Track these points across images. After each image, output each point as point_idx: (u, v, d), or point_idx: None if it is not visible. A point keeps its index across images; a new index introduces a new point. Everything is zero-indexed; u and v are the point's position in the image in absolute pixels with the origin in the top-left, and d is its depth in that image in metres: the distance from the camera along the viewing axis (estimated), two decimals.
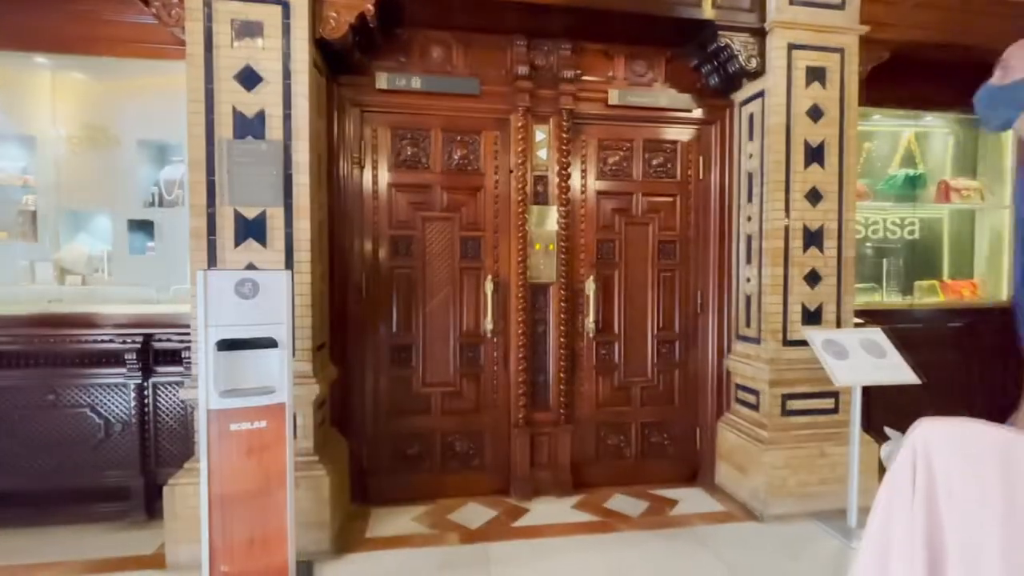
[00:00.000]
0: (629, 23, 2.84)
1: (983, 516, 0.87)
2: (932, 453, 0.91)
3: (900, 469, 0.97)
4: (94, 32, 2.69)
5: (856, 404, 2.51)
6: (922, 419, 0.94)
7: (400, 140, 2.91)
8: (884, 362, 2.54)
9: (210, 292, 1.95)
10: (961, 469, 0.90)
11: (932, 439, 0.91)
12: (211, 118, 2.33)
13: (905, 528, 0.93)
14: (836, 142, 2.85)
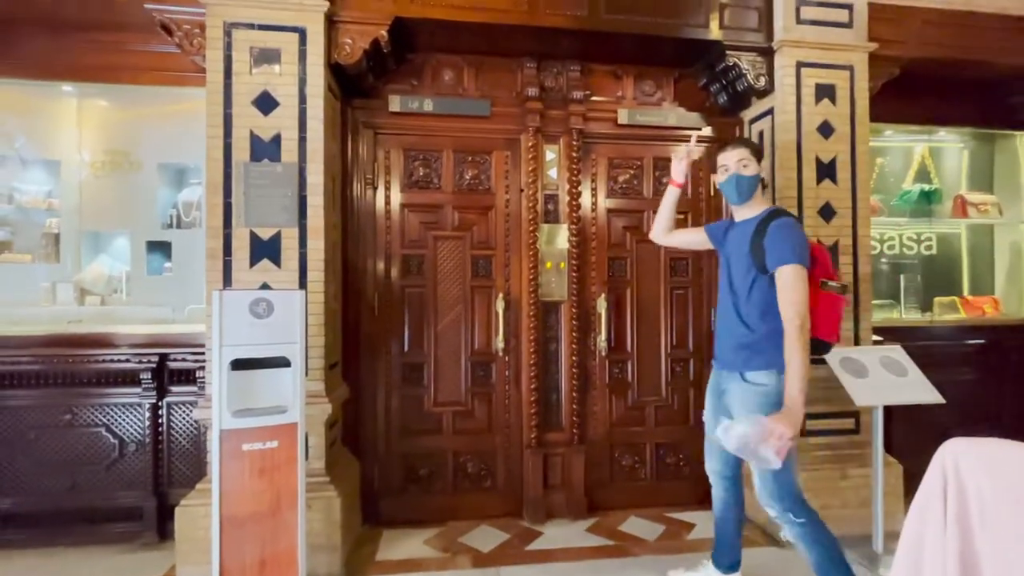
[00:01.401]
0: (637, 45, 2.88)
1: (1020, 541, 0.83)
2: (964, 476, 0.87)
3: (930, 492, 0.93)
4: (119, 61, 2.80)
5: (878, 425, 2.44)
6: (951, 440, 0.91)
7: (412, 161, 2.96)
8: (905, 381, 2.48)
9: (225, 312, 1.97)
10: (995, 492, 0.86)
11: (963, 461, 0.88)
12: (229, 142, 2.39)
13: (937, 554, 0.89)
14: (848, 158, 2.83)
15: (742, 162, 1.93)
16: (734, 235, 2.00)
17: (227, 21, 2.39)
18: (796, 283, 1.73)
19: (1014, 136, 3.65)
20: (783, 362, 1.74)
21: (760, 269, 1.83)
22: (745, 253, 1.88)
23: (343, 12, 2.52)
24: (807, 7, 2.81)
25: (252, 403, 2.03)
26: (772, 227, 1.81)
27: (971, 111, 3.51)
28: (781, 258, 1.76)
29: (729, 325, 1.95)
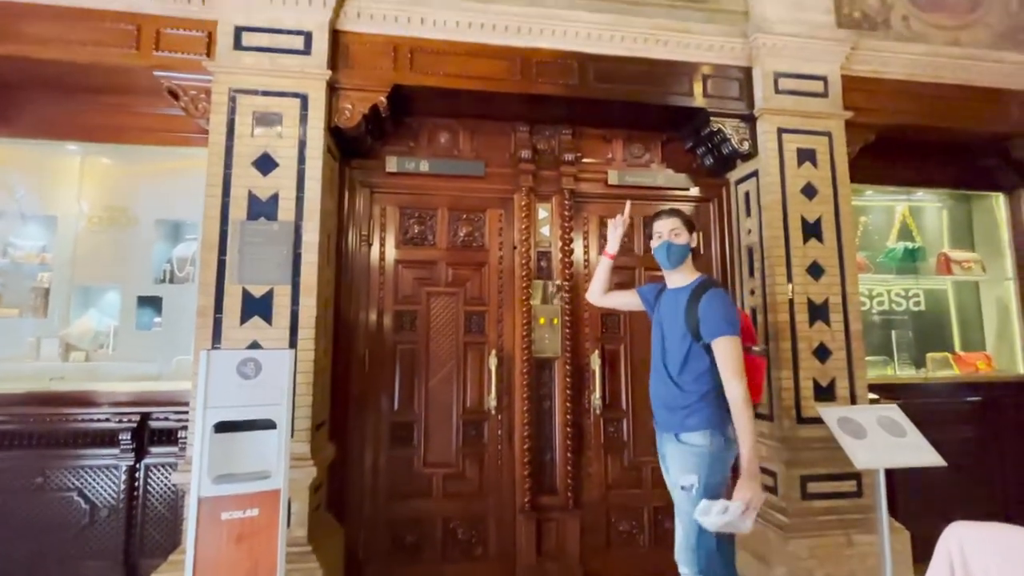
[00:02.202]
0: (625, 111, 3.02)
1: None
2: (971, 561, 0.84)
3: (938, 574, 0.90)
4: (125, 123, 2.88)
5: (881, 489, 2.37)
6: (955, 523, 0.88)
7: (407, 219, 3.01)
8: (905, 442, 2.44)
9: (212, 372, 1.93)
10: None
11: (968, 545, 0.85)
12: (227, 201, 2.43)
13: None
14: (832, 218, 2.91)
15: (674, 231, 2.04)
16: (667, 301, 2.06)
17: (232, 87, 2.50)
18: (735, 353, 1.82)
19: (989, 196, 3.79)
20: (717, 421, 1.85)
21: (695, 336, 1.89)
22: (680, 321, 1.94)
23: (344, 80, 2.64)
24: (784, 78, 2.97)
25: (234, 467, 1.96)
26: (705, 297, 1.90)
27: (947, 173, 3.66)
28: (718, 329, 1.84)
29: (663, 387, 1.99)
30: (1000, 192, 3.72)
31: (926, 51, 3.20)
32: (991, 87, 3.28)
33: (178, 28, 2.55)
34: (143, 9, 2.53)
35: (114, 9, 2.52)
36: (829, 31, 3.04)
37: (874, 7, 3.27)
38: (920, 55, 3.18)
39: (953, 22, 3.37)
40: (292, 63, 2.55)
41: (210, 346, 2.31)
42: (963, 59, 3.24)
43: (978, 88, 3.27)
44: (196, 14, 2.57)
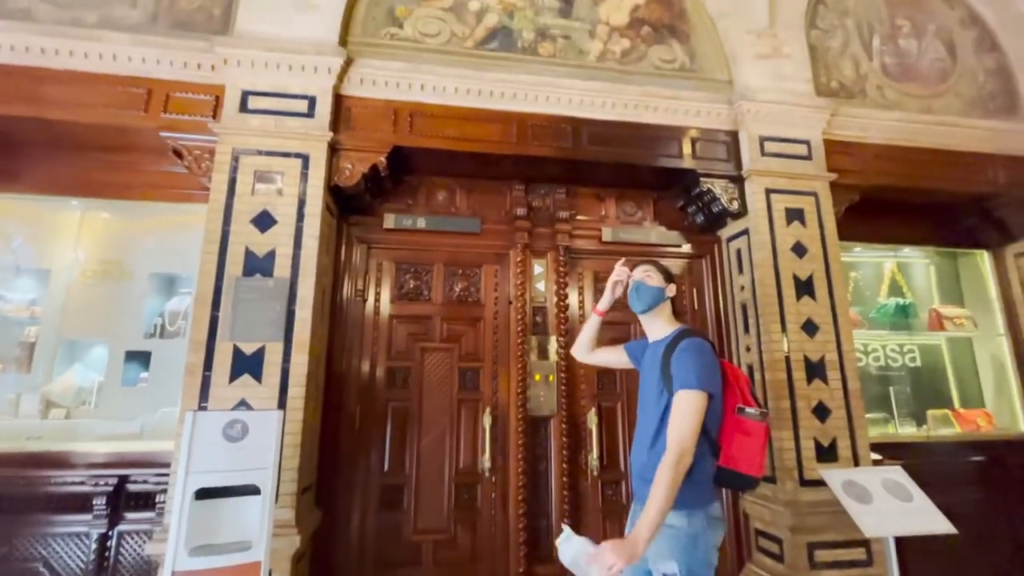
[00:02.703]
0: (617, 171, 3.11)
1: None
2: None
3: None
4: (129, 180, 2.92)
5: (892, 559, 2.27)
6: None
7: (403, 274, 3.02)
8: (912, 507, 2.36)
9: (197, 434, 1.87)
10: None
11: None
12: (223, 258, 2.44)
13: None
14: (823, 275, 2.95)
15: (646, 272, 1.89)
16: (648, 356, 1.86)
17: (236, 148, 2.56)
18: (687, 410, 1.57)
19: (975, 253, 3.87)
20: (698, 499, 1.59)
21: (671, 393, 1.65)
22: (656, 376, 1.73)
23: (345, 141, 2.73)
24: (770, 142, 3.10)
25: (213, 536, 1.86)
26: (679, 348, 1.69)
27: (932, 231, 3.75)
28: (684, 381, 1.61)
29: (640, 454, 1.76)
30: (984, 249, 3.81)
31: (902, 118, 3.37)
32: (966, 151, 3.43)
33: (187, 92, 2.65)
34: (154, 74, 2.64)
35: (128, 74, 2.62)
36: (809, 99, 3.20)
37: (850, 77, 3.46)
38: (897, 121, 3.34)
39: (925, 91, 3.57)
40: (296, 125, 2.64)
41: (197, 405, 2.25)
42: (937, 125, 3.41)
43: (954, 152, 3.42)
44: (206, 79, 2.68)
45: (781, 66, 3.26)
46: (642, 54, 3.21)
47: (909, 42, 3.66)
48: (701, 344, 1.71)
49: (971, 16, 3.85)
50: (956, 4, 3.86)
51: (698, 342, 1.71)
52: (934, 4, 3.83)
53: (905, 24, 3.71)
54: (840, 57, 3.49)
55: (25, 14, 2.63)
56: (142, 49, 2.61)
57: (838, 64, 3.47)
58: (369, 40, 2.91)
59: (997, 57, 3.79)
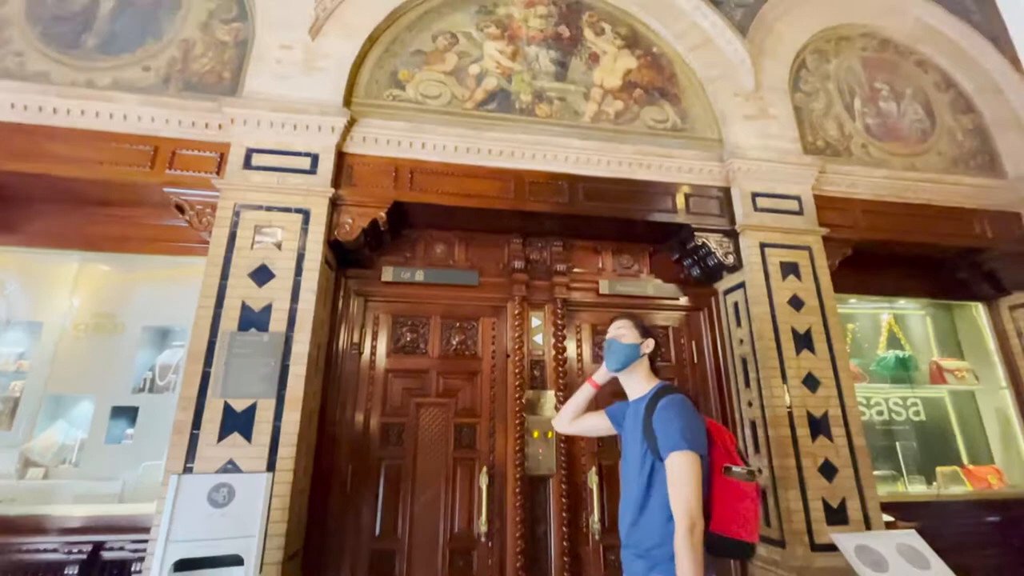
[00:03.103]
0: (613, 225, 3.16)
1: None
2: None
3: None
4: (130, 233, 2.94)
5: None
6: None
7: (400, 327, 3.00)
8: (930, 575, 2.24)
9: (180, 499, 1.79)
10: None
11: None
12: (219, 312, 2.42)
13: None
14: (822, 329, 2.95)
15: (620, 330, 1.84)
16: (629, 416, 1.78)
17: (238, 203, 2.60)
18: (683, 473, 1.48)
19: (969, 305, 3.89)
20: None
21: (656, 455, 1.57)
22: (639, 438, 1.64)
23: (347, 196, 2.77)
24: (761, 198, 3.18)
25: None
26: (660, 405, 1.61)
27: (925, 284, 3.79)
28: (670, 443, 1.52)
29: (629, 524, 1.64)
30: (979, 302, 3.83)
31: (888, 174, 3.47)
32: (952, 206, 3.52)
33: (193, 150, 2.72)
34: (162, 133, 2.71)
35: (136, 133, 2.69)
36: (797, 157, 3.31)
37: (835, 136, 3.60)
38: (883, 178, 3.45)
39: (907, 150, 3.70)
40: (298, 181, 2.69)
41: (183, 466, 2.16)
42: (922, 182, 3.51)
43: (940, 207, 3.51)
44: (212, 137, 2.75)
45: (768, 126, 3.39)
46: (635, 115, 3.33)
47: (889, 104, 3.84)
48: (682, 400, 1.63)
49: (945, 80, 4.05)
50: (930, 69, 4.08)
51: (679, 398, 1.63)
52: (909, 69, 4.05)
53: (884, 87, 3.90)
54: (824, 118, 3.64)
55: (43, 76, 2.73)
56: (151, 109, 2.70)
57: (823, 124, 3.62)
58: (372, 101, 3.02)
59: (973, 118, 3.96)
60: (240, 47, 2.98)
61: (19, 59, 2.75)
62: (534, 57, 3.33)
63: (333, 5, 3.10)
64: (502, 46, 3.31)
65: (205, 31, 3.00)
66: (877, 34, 4.08)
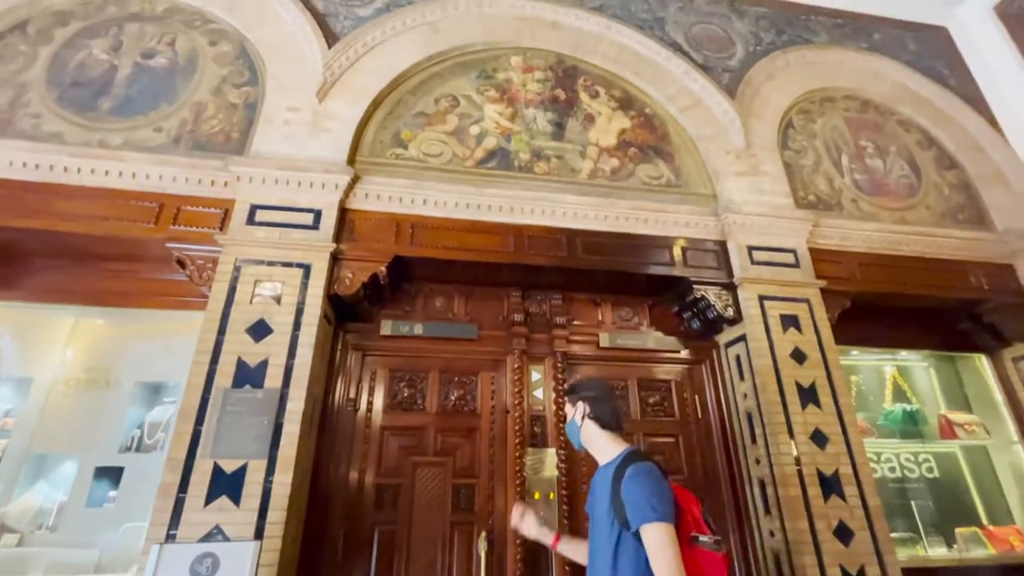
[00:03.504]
0: (612, 278, 3.18)
1: None
2: None
3: None
4: (129, 287, 2.94)
5: None
6: None
7: (398, 382, 2.94)
8: None
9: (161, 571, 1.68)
10: None
11: None
12: (214, 368, 2.38)
13: None
14: (826, 383, 2.90)
15: (566, 409, 1.87)
16: (598, 482, 1.73)
17: (239, 258, 2.62)
18: (661, 545, 1.43)
19: (973, 357, 3.86)
20: None
21: (623, 523, 1.53)
22: (607, 507, 1.60)
23: (347, 251, 2.80)
24: (758, 251, 3.22)
25: None
26: (626, 476, 1.57)
27: (927, 336, 3.77)
28: (641, 515, 1.48)
29: None
30: (982, 353, 3.80)
31: (880, 228, 3.54)
32: (946, 258, 3.57)
33: (197, 206, 2.77)
34: (169, 190, 2.77)
35: (143, 190, 2.75)
36: (790, 211, 3.39)
37: (825, 191, 3.70)
38: (875, 232, 3.51)
39: (897, 204, 3.79)
40: (300, 236, 2.72)
41: (166, 532, 2.05)
42: (914, 235, 3.57)
43: (934, 259, 3.55)
44: (217, 194, 2.81)
45: (760, 182, 3.49)
46: (630, 171, 3.43)
47: (875, 161, 3.97)
48: (650, 468, 1.58)
49: (927, 139, 4.22)
50: (912, 128, 4.25)
51: (646, 467, 1.59)
52: (892, 128, 4.22)
53: (869, 145, 4.05)
54: (814, 174, 3.75)
55: (58, 137, 2.82)
56: (160, 168, 2.77)
57: (813, 180, 3.72)
58: (376, 159, 3.11)
59: (957, 173, 4.09)
60: (249, 109, 3.10)
61: (35, 120, 2.85)
62: (532, 118, 3.46)
63: (341, 70, 3.26)
64: (501, 108, 3.46)
65: (217, 94, 3.13)
66: (858, 96, 4.28)
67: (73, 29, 3.19)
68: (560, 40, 3.83)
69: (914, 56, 4.61)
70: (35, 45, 3.09)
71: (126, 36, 3.24)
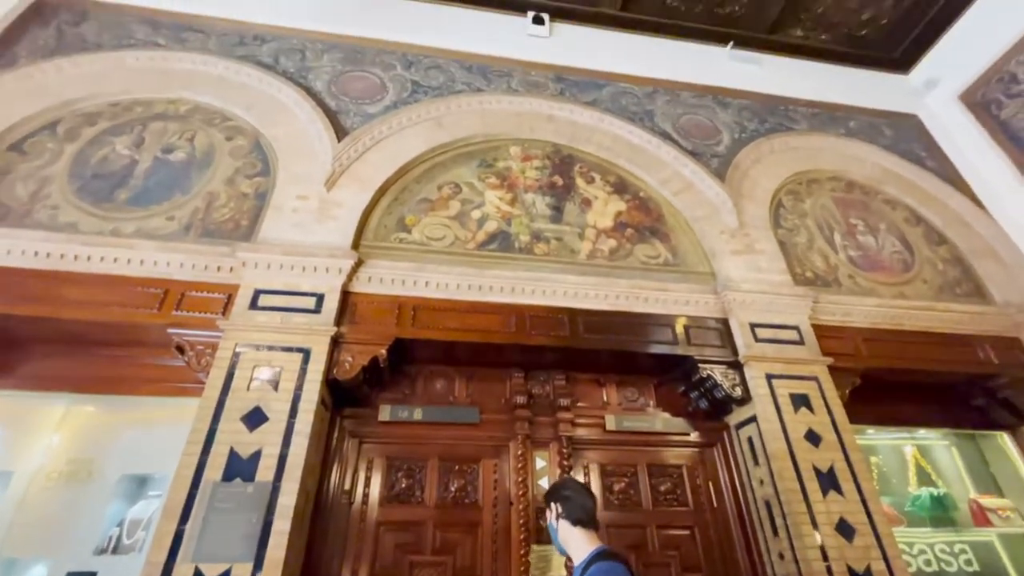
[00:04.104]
0: (615, 357, 3.14)
1: None
2: None
3: None
4: (125, 374, 2.88)
5: None
6: None
7: (395, 471, 2.81)
8: None
9: None
10: None
11: None
12: (204, 459, 2.28)
13: None
14: (846, 467, 2.77)
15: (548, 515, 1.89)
16: None
17: (239, 343, 2.60)
18: None
19: (995, 435, 3.71)
20: None
21: None
22: None
23: (348, 334, 2.78)
24: (761, 328, 3.20)
25: None
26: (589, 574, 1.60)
27: (942, 413, 3.65)
28: None
29: None
30: (1003, 431, 3.66)
31: (880, 303, 3.55)
32: (950, 333, 3.54)
33: (202, 291, 2.79)
34: (175, 276, 2.81)
35: (149, 276, 2.78)
36: (788, 288, 3.42)
37: (822, 268, 3.75)
38: (876, 307, 3.51)
39: (893, 279, 3.84)
40: (301, 321, 2.72)
41: None
42: (914, 310, 3.58)
43: (938, 333, 3.53)
44: (222, 279, 2.84)
45: (757, 260, 3.55)
46: (628, 251, 3.51)
47: (867, 238, 4.07)
48: (610, 567, 1.59)
49: (914, 216, 4.36)
50: (898, 206, 4.41)
51: (606, 566, 1.59)
52: (879, 206, 4.37)
53: (859, 222, 4.18)
54: (809, 251, 3.83)
55: (72, 227, 2.90)
56: (168, 255, 2.82)
57: (808, 257, 3.79)
58: (380, 243, 3.19)
59: (949, 248, 4.17)
60: (260, 198, 3.23)
61: (53, 211, 2.95)
62: (531, 203, 3.60)
63: (349, 161, 3.44)
64: (502, 193, 3.60)
65: (230, 184, 3.27)
66: (842, 177, 4.48)
67: (100, 128, 3.40)
68: (556, 131, 4.08)
69: (891, 140, 4.89)
70: (62, 142, 3.28)
71: (149, 133, 3.45)
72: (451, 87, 4.18)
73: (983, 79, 4.69)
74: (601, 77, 4.62)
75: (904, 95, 5.29)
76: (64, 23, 3.87)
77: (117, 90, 3.56)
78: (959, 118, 4.84)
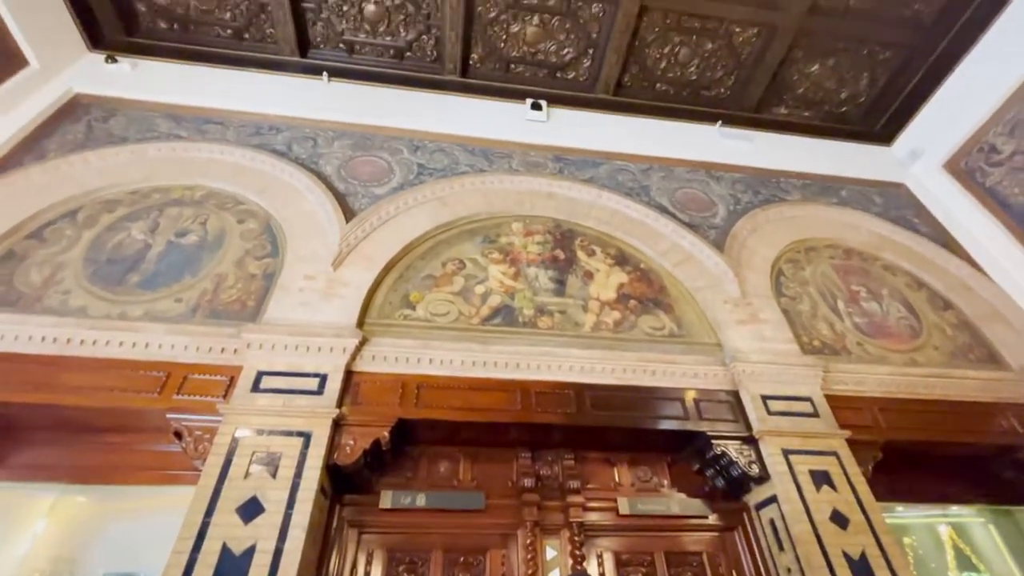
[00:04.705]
0: (625, 434, 3.04)
1: None
2: None
3: None
4: (122, 461, 2.78)
5: None
6: None
7: (396, 564, 2.63)
8: None
9: None
10: None
11: None
12: (195, 557, 2.16)
13: None
14: (878, 552, 2.58)
15: None
16: None
17: (239, 428, 2.53)
18: None
19: None
20: None
21: None
22: None
23: (350, 416, 2.72)
24: (773, 400, 3.11)
25: None
26: None
27: (972, 487, 3.45)
28: None
29: None
30: None
31: (892, 371, 3.48)
32: (969, 401, 3.43)
33: (205, 374, 2.76)
34: (179, 358, 2.79)
35: (152, 360, 2.77)
36: (797, 358, 3.36)
37: (829, 336, 3.72)
38: (888, 375, 3.44)
39: (903, 346, 3.78)
40: (303, 403, 2.67)
41: None
42: (929, 377, 3.49)
43: (956, 402, 3.41)
44: (226, 361, 2.82)
45: (762, 329, 3.53)
46: (632, 323, 3.50)
47: (871, 304, 4.06)
48: None
49: (916, 281, 4.37)
50: (898, 272, 4.44)
51: None
52: (878, 271, 4.40)
53: (861, 289, 4.19)
54: (814, 319, 3.81)
55: (82, 311, 2.93)
56: (173, 337, 2.82)
57: (814, 325, 3.77)
58: (384, 321, 3.20)
59: (955, 313, 4.15)
60: (267, 279, 3.29)
61: (64, 296, 3.00)
62: (534, 276, 3.65)
63: (356, 241, 3.53)
64: (505, 268, 3.66)
65: (239, 266, 3.34)
66: (840, 244, 4.55)
67: (119, 215, 3.54)
68: (556, 208, 4.22)
69: (882, 208, 5.02)
70: (81, 229, 3.40)
71: (164, 218, 3.58)
72: (455, 168, 4.38)
73: (964, 149, 4.89)
74: (597, 156, 4.85)
75: (889, 165, 5.50)
76: (94, 120, 4.14)
77: (138, 178, 3.74)
78: (947, 186, 4.98)
